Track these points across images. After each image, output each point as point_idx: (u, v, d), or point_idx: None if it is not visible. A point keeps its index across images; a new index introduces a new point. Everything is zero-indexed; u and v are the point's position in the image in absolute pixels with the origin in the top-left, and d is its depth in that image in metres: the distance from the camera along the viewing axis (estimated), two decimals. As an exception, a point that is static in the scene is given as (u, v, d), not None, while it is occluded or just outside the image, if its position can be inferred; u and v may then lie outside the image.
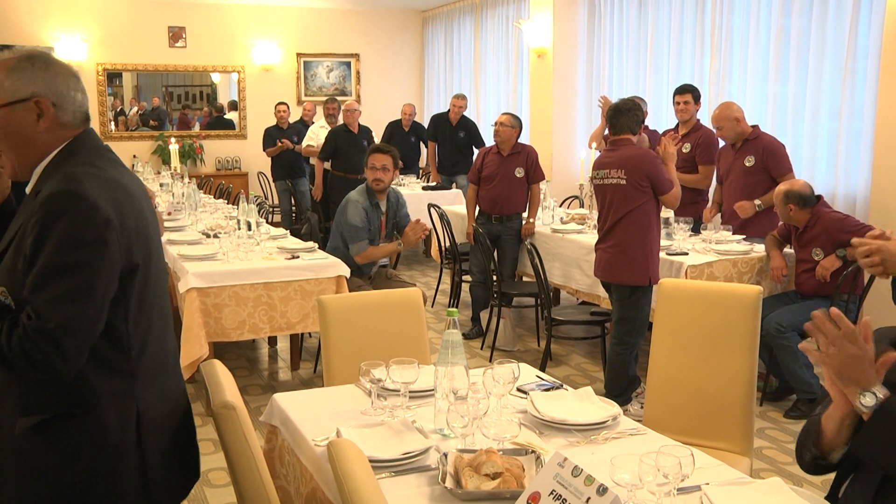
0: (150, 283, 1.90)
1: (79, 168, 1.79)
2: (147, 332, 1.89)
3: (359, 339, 3.02)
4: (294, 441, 2.40)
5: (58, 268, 1.68)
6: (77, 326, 1.70)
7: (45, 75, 1.81)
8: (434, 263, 8.52)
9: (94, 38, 10.56)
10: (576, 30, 8.67)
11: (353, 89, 11.95)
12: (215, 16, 11.04)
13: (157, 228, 2.00)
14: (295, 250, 4.87)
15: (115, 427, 1.83)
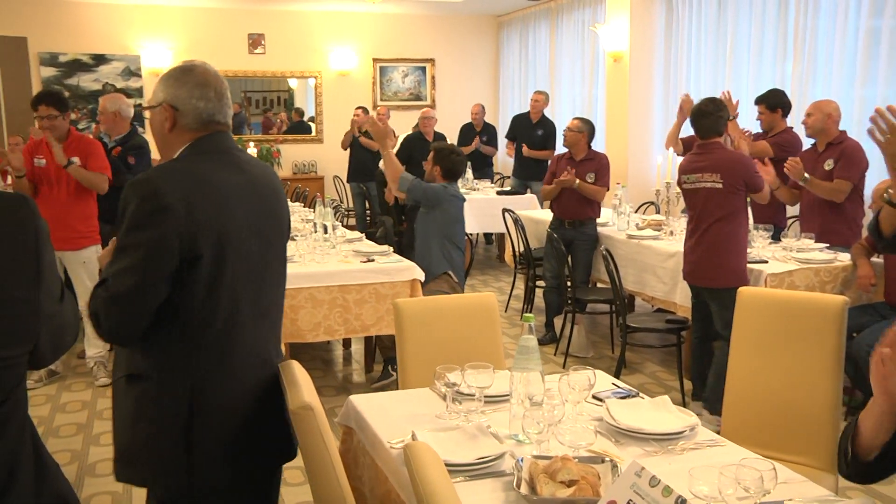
0: (226, 272, 2.01)
1: (169, 164, 2.05)
2: (216, 317, 2.01)
3: (434, 342, 3.03)
4: (369, 443, 2.42)
5: (122, 246, 1.92)
6: (127, 299, 1.90)
7: (176, 85, 2.10)
8: (507, 268, 8.52)
9: (179, 46, 10.88)
10: (653, 33, 8.55)
11: (428, 94, 12.03)
12: (294, 23, 11.25)
13: (262, 228, 2.13)
14: (370, 253, 4.93)
15: (169, 398, 2.01)
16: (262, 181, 2.17)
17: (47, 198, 5.05)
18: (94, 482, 3.90)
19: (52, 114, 4.99)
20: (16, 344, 1.16)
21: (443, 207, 4.95)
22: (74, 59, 10.54)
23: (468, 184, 8.67)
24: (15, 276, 1.14)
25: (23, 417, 1.22)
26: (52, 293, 1.22)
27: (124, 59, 10.73)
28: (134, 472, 2.10)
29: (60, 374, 5.37)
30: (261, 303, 2.15)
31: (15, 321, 1.14)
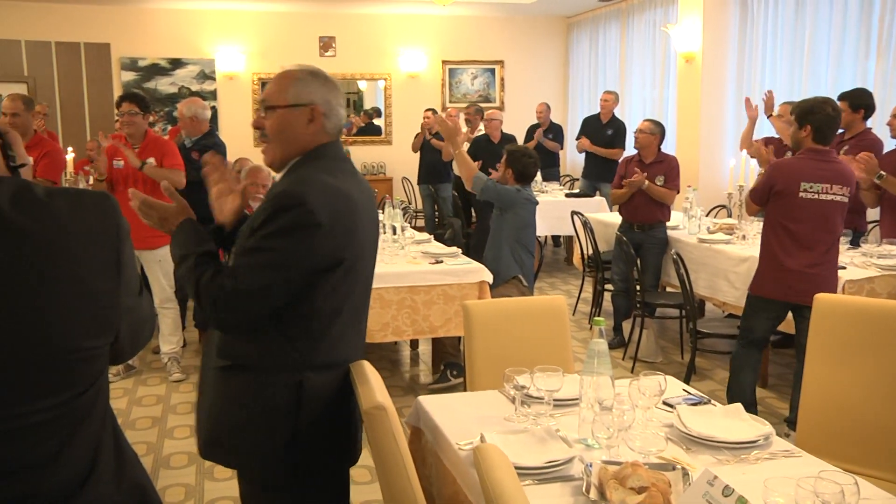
0: (352, 278, 2.14)
1: (313, 173, 2.10)
2: (330, 319, 2.12)
3: (502, 345, 3.03)
4: (437, 443, 2.44)
5: (265, 247, 2.00)
6: (253, 295, 1.99)
7: (324, 89, 2.16)
8: (576, 271, 8.46)
9: (251, 50, 11.10)
10: (726, 33, 8.39)
11: (497, 96, 12.02)
12: (364, 25, 11.37)
13: (374, 232, 2.29)
14: (438, 255, 4.94)
15: (277, 390, 2.08)
16: (369, 190, 2.31)
17: (124, 198, 5.19)
18: (168, 474, 4.01)
19: (133, 110, 5.15)
20: (99, 335, 1.20)
21: (515, 210, 4.94)
22: (153, 64, 10.85)
23: (537, 186, 8.64)
24: (98, 270, 1.19)
25: (105, 406, 1.27)
26: (131, 287, 1.27)
27: (199, 62, 11.00)
28: (226, 456, 2.20)
29: (137, 369, 5.53)
30: (364, 307, 2.30)
31: (98, 313, 1.19)
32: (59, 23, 10.40)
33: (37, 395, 1.13)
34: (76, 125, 10.54)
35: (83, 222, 1.18)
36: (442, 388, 4.92)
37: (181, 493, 3.81)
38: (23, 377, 1.11)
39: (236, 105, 11.18)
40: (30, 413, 1.12)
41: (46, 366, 1.13)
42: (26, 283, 1.10)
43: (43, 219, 1.14)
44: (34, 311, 1.11)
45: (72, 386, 1.17)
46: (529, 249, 5.03)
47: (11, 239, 1.10)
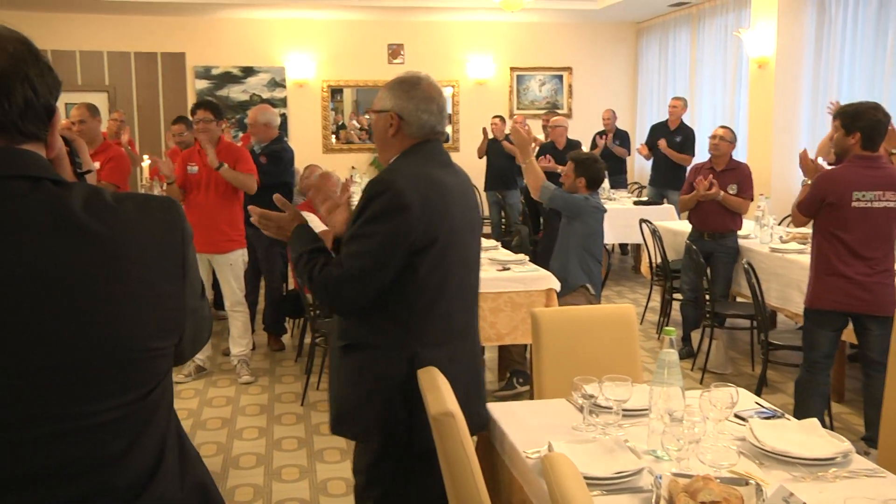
0: (450, 258, 2.35)
1: (402, 165, 2.35)
2: (434, 297, 2.34)
3: (570, 353, 3.01)
4: (505, 451, 2.43)
5: (362, 233, 2.25)
6: (358, 278, 2.24)
7: (404, 97, 2.37)
8: (643, 280, 8.35)
9: (321, 58, 11.27)
10: (802, 37, 8.19)
11: (565, 103, 11.95)
12: (433, 32, 11.44)
13: (472, 218, 2.49)
14: (506, 262, 4.93)
15: (390, 364, 2.32)
16: (467, 183, 2.52)
17: (197, 203, 5.34)
18: (237, 474, 4.08)
19: (207, 117, 5.28)
20: (165, 336, 1.23)
21: (583, 219, 4.90)
22: (225, 72, 11.10)
23: (604, 193, 8.56)
24: (164, 273, 1.22)
25: (169, 406, 1.29)
26: (195, 289, 1.30)
27: (270, 70, 11.21)
28: (351, 427, 2.44)
29: (207, 371, 5.65)
30: (469, 289, 2.50)
31: (164, 315, 1.22)
32: (138, 34, 10.73)
33: (106, 395, 1.16)
34: (152, 132, 10.85)
35: (150, 226, 1.22)
36: (508, 395, 4.91)
37: (250, 493, 3.87)
38: (92, 377, 1.14)
39: (306, 112, 11.35)
40: (99, 412, 1.15)
41: (115, 366, 1.16)
42: (97, 284, 1.14)
43: (112, 222, 1.17)
44: (104, 312, 1.14)
45: (139, 385, 1.20)
46: (597, 258, 4.99)
47: (83, 241, 1.14)
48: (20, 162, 1.15)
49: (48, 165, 1.20)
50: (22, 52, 1.18)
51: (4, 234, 1.10)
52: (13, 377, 1.09)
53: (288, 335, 6.49)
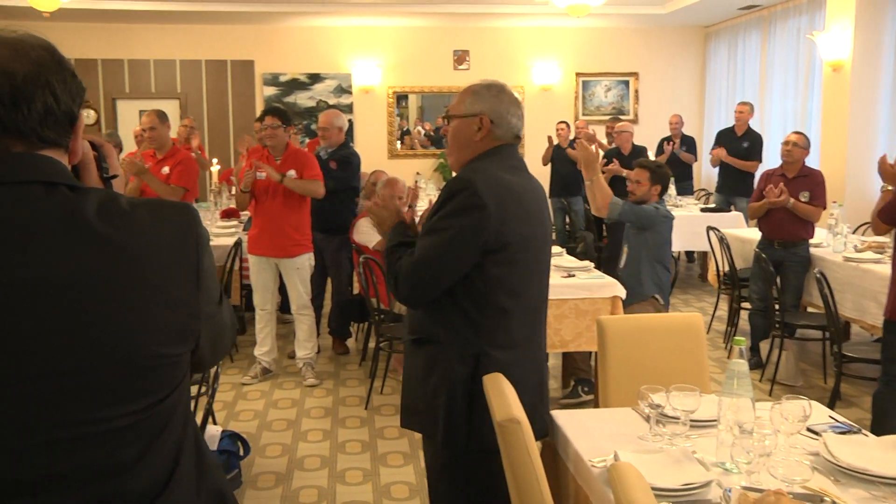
0: (522, 263, 2.39)
1: (481, 166, 2.40)
2: (503, 300, 2.36)
3: (636, 361, 2.97)
4: (570, 459, 2.41)
5: (437, 227, 2.33)
6: (429, 270, 2.32)
7: (494, 101, 2.45)
8: (710, 288, 8.19)
9: (387, 64, 11.37)
10: (880, 39, 7.95)
11: (631, 108, 11.83)
12: (498, 38, 11.44)
13: (543, 228, 2.52)
14: (571, 269, 4.90)
15: (457, 361, 2.36)
16: (540, 190, 2.56)
17: (265, 208, 5.43)
18: (302, 475, 4.13)
19: (275, 123, 5.37)
20: (179, 343, 1.23)
21: (656, 229, 4.84)
22: (293, 79, 11.28)
23: (671, 200, 8.44)
24: (177, 279, 1.22)
25: (185, 414, 1.29)
26: (211, 296, 1.29)
27: (337, 77, 11.35)
28: (417, 421, 2.49)
29: (273, 373, 5.74)
30: (540, 294, 2.54)
31: (177, 321, 1.22)
32: (209, 43, 10.99)
33: (119, 401, 1.16)
34: (221, 137, 11.09)
35: (164, 232, 1.22)
36: (572, 403, 4.87)
37: (314, 495, 3.92)
38: (104, 382, 1.14)
39: (372, 118, 11.47)
40: (112, 418, 1.15)
41: (128, 372, 1.16)
42: (108, 289, 1.14)
43: (125, 228, 1.17)
44: (115, 318, 1.14)
45: (153, 392, 1.20)
46: (667, 267, 4.92)
47: (95, 247, 1.14)
48: (36, 167, 1.16)
49: (65, 171, 1.20)
50: (44, 58, 1.19)
51: (18, 238, 1.11)
52: (25, 382, 1.09)
53: (353, 339, 6.55)
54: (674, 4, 10.31)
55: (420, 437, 2.67)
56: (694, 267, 9.89)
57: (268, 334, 5.64)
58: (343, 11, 10.44)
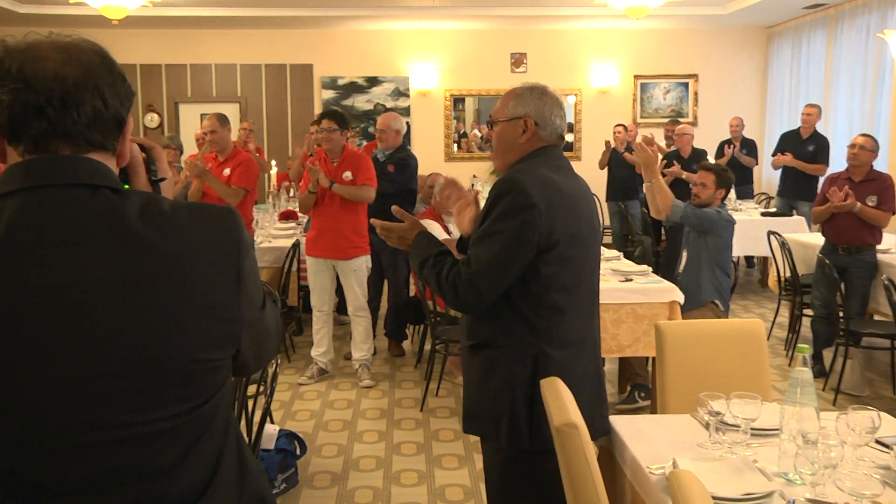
0: (573, 262, 2.40)
1: (527, 167, 2.42)
2: (556, 299, 2.37)
3: (695, 367, 2.93)
4: (627, 465, 2.39)
5: (490, 232, 2.33)
6: (487, 275, 2.31)
7: (537, 103, 2.46)
8: (770, 294, 8.03)
9: (444, 67, 11.40)
10: (952, 39, 7.70)
11: (690, 111, 11.66)
12: (555, 41, 11.39)
13: (592, 227, 2.51)
14: (628, 273, 4.85)
15: (515, 363, 2.37)
16: (587, 190, 2.55)
17: (322, 210, 5.48)
18: (357, 476, 4.16)
19: (331, 127, 5.42)
20: (219, 347, 1.22)
21: (717, 233, 4.77)
22: (351, 82, 11.39)
23: (730, 204, 8.28)
24: (218, 284, 1.21)
25: (226, 418, 1.29)
26: (253, 301, 1.29)
27: (394, 80, 11.42)
28: (479, 425, 2.48)
29: (329, 374, 5.79)
30: (591, 292, 2.53)
31: (218, 326, 1.21)
32: (269, 47, 11.17)
33: (158, 404, 1.16)
34: (279, 140, 11.25)
35: (205, 235, 1.22)
36: (629, 409, 4.82)
37: (369, 496, 3.94)
38: (144, 386, 1.14)
39: (429, 121, 11.51)
40: (152, 421, 1.16)
41: (167, 375, 1.16)
42: (148, 292, 1.14)
43: (167, 231, 1.18)
44: (154, 322, 1.14)
45: (193, 396, 1.20)
46: (727, 272, 4.83)
47: (135, 250, 1.15)
48: (81, 170, 1.18)
49: (109, 173, 1.22)
50: (95, 62, 1.20)
51: (61, 241, 1.12)
52: (66, 384, 1.10)
53: (408, 341, 6.57)
54: (735, 5, 10.13)
55: (475, 440, 2.67)
56: (753, 272, 9.70)
57: (324, 335, 5.70)
58: (401, 15, 10.50)
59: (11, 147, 1.20)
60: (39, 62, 1.16)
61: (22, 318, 1.09)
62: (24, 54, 1.16)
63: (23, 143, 1.18)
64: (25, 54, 1.16)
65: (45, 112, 1.15)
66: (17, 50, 1.17)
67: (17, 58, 1.16)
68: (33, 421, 1.11)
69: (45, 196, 1.15)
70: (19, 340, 1.09)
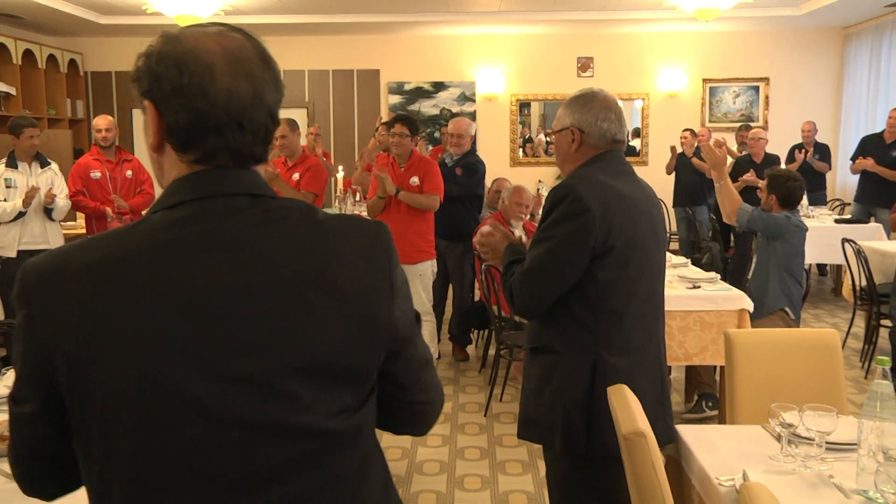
0: (630, 266, 2.38)
1: (584, 173, 2.42)
2: (615, 304, 2.36)
3: (766, 378, 2.87)
4: (693, 474, 2.35)
5: (544, 236, 2.37)
6: (541, 280, 2.36)
7: (581, 110, 2.46)
8: (844, 303, 7.81)
9: (510, 72, 11.39)
10: None
11: (761, 115, 11.41)
12: (623, 45, 11.28)
13: (655, 230, 2.50)
14: (696, 280, 4.77)
15: (573, 369, 2.37)
16: (651, 194, 2.55)
17: (390, 215, 5.52)
18: (421, 479, 4.18)
19: (403, 132, 5.48)
20: (369, 355, 1.22)
21: (785, 239, 4.65)
22: (417, 87, 11.46)
23: (802, 210, 8.07)
24: (372, 292, 1.22)
25: (373, 431, 1.29)
26: (406, 315, 1.29)
27: (460, 85, 11.46)
28: (536, 431, 2.48)
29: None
30: (653, 298, 2.51)
31: (372, 332, 1.22)
32: (336, 53, 11.32)
33: (306, 409, 1.16)
34: (346, 145, 11.38)
35: (358, 245, 1.23)
36: (696, 418, 4.74)
37: (433, 500, 3.96)
38: (294, 389, 1.15)
39: (495, 126, 11.51)
40: (299, 425, 1.16)
41: (317, 380, 1.16)
42: (308, 296, 1.16)
43: (323, 238, 1.20)
44: (315, 325, 1.16)
45: (343, 403, 1.20)
46: (798, 279, 4.71)
47: (295, 255, 1.17)
48: (245, 181, 1.20)
49: (265, 183, 1.24)
50: (266, 79, 1.22)
51: (226, 246, 1.15)
52: (225, 381, 1.11)
53: (473, 346, 6.58)
54: (810, 5, 9.87)
55: (539, 446, 2.66)
56: (826, 281, 9.44)
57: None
58: (467, 20, 10.53)
59: (173, 150, 1.20)
60: (211, 76, 1.16)
61: (190, 319, 1.11)
62: (196, 63, 1.17)
63: (190, 154, 1.19)
64: (197, 63, 1.17)
65: (222, 132, 1.17)
66: (188, 58, 1.17)
67: (188, 68, 1.16)
68: (214, 418, 1.12)
69: (211, 205, 1.17)
70: (188, 339, 1.11)
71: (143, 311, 1.10)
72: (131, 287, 1.11)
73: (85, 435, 1.14)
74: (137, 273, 1.12)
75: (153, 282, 1.11)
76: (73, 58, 10.98)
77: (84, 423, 1.13)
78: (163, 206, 1.18)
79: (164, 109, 1.18)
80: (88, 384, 1.11)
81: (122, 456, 1.12)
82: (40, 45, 10.13)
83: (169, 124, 1.18)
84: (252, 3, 9.19)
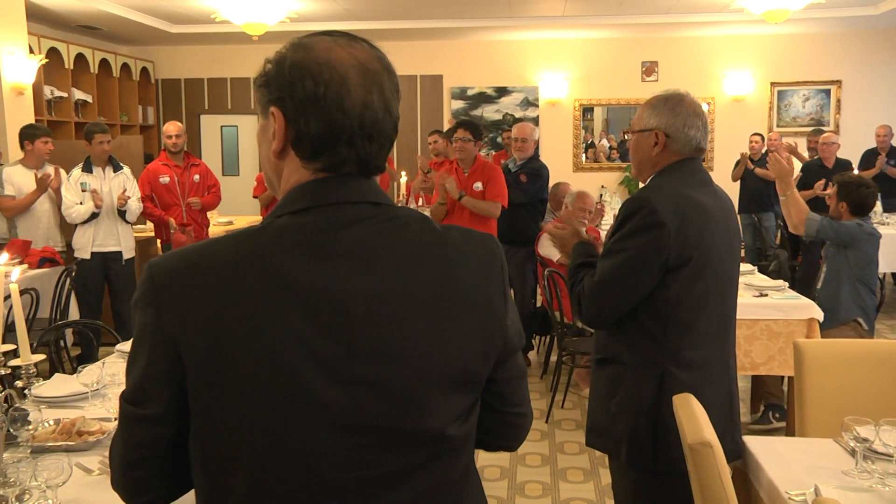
0: (706, 279, 2.32)
1: (662, 182, 2.38)
2: (686, 317, 2.32)
3: (838, 390, 2.79)
4: (762, 487, 2.30)
5: (616, 249, 2.32)
6: (610, 292, 2.32)
7: (669, 114, 2.38)
8: (920, 313, 7.57)
9: (574, 77, 11.33)
10: None
11: (832, 119, 11.12)
12: (688, 48, 11.12)
13: (731, 243, 2.44)
14: (763, 288, 4.68)
15: (640, 381, 2.33)
16: (728, 206, 2.48)
17: (452, 219, 5.54)
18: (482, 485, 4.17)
19: (466, 137, 5.50)
20: (484, 362, 1.23)
21: (858, 247, 4.53)
22: (480, 93, 11.48)
23: (876, 217, 7.84)
24: (490, 299, 1.23)
25: (475, 434, 1.29)
26: (515, 324, 1.30)
27: (523, 90, 11.44)
28: (601, 441, 2.46)
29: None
30: (725, 311, 2.45)
31: (489, 339, 1.23)
32: (400, 58, 11.08)
33: (429, 414, 1.16)
34: (409, 149, 11.44)
35: (476, 254, 1.24)
36: (763, 430, 4.64)
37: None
38: (417, 394, 1.15)
39: (558, 131, 11.45)
40: (420, 430, 1.17)
41: (438, 386, 1.17)
42: (432, 302, 1.17)
43: (445, 246, 1.21)
44: (437, 331, 1.16)
45: (456, 410, 1.20)
46: (872, 288, 4.58)
47: (420, 261, 1.18)
48: (366, 190, 1.21)
49: (383, 191, 1.25)
50: (392, 90, 1.23)
51: (351, 251, 1.15)
52: (349, 385, 1.12)
53: (534, 352, 6.55)
54: (887, 4, 9.55)
55: (601, 454, 2.65)
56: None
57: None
58: (530, 25, 10.51)
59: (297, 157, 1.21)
60: (346, 88, 1.18)
61: (324, 323, 1.12)
62: (331, 74, 1.18)
63: (318, 162, 1.19)
64: (332, 74, 1.18)
65: (354, 143, 1.18)
66: (323, 69, 1.18)
67: (324, 78, 1.17)
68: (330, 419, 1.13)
69: (337, 212, 1.18)
70: (321, 342, 1.12)
71: (278, 312, 1.11)
72: (265, 288, 1.11)
73: (210, 434, 1.14)
74: (271, 274, 1.12)
75: (286, 284, 1.12)
76: (144, 66, 11.29)
77: (211, 422, 1.13)
78: (287, 211, 1.18)
79: (295, 118, 1.18)
80: (220, 384, 1.11)
81: (250, 455, 1.12)
82: (115, 54, 10.45)
83: (298, 132, 1.18)
84: (317, 10, 9.31)
